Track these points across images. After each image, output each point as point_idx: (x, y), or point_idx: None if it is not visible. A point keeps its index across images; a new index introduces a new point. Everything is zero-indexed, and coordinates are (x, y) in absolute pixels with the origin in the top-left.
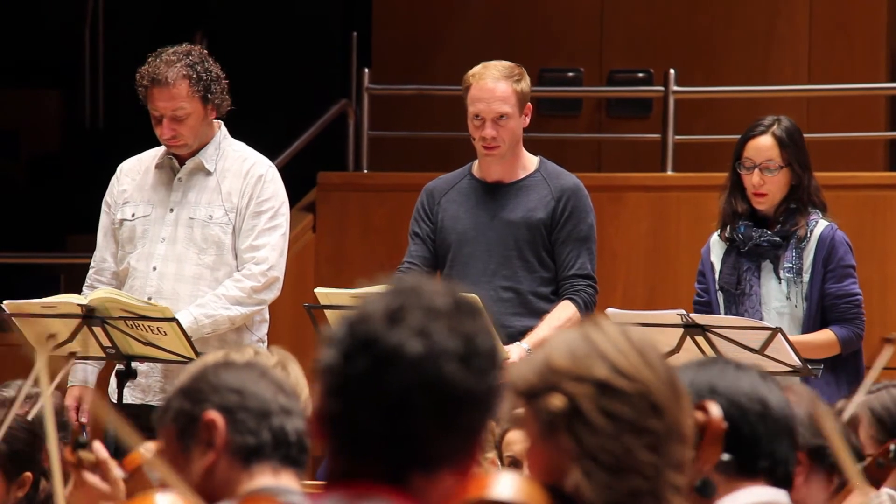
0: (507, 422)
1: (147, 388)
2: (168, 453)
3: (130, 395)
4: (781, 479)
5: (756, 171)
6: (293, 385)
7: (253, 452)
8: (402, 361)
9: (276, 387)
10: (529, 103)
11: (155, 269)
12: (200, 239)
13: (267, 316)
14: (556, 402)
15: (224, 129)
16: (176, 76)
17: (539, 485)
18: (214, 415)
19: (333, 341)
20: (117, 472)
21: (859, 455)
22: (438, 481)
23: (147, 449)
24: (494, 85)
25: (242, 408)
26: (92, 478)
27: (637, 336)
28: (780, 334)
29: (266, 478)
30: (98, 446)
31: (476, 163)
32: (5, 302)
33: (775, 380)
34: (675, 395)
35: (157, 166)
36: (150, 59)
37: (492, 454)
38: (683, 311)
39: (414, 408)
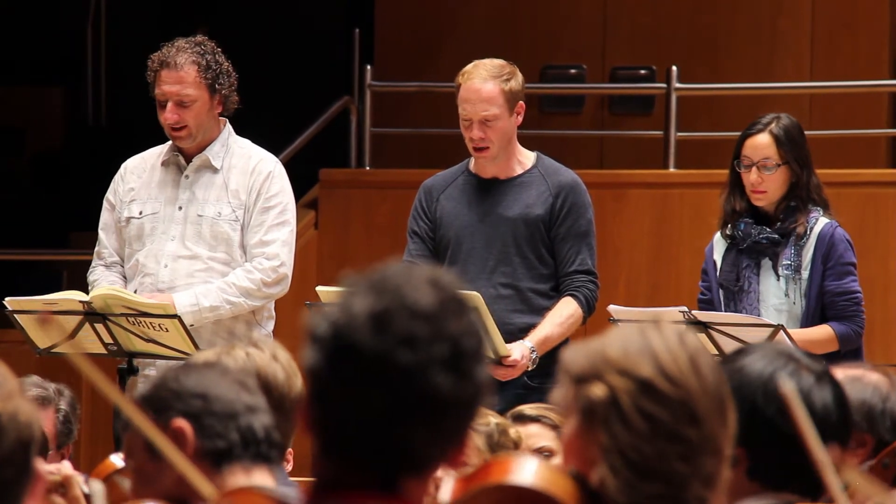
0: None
1: None
2: (136, 463)
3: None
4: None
5: (754, 169)
6: (272, 378)
7: (223, 455)
8: (390, 373)
9: (239, 385)
10: (522, 102)
11: (166, 266)
12: (210, 236)
13: (274, 313)
14: (597, 391)
15: (230, 127)
16: (185, 61)
17: (564, 473)
18: (182, 423)
19: (316, 340)
20: (82, 488)
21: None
22: (428, 479)
23: (118, 458)
24: (481, 86)
25: (208, 412)
26: (54, 499)
27: (693, 343)
28: (782, 331)
29: (238, 478)
30: (64, 464)
31: (473, 159)
32: (7, 299)
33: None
34: (718, 408)
35: (164, 163)
36: (163, 47)
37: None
38: (686, 308)
39: (404, 418)
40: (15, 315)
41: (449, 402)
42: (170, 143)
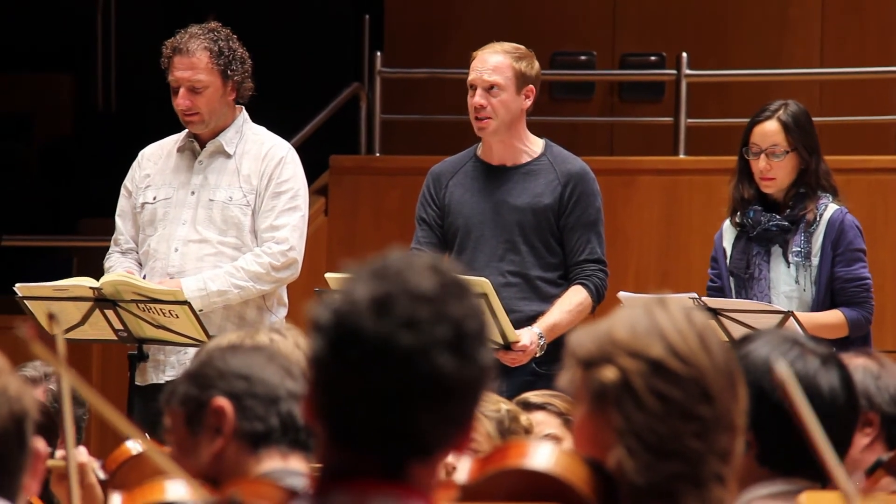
0: (543, 396)
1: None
2: (176, 437)
3: (165, 374)
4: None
5: (763, 156)
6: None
7: (261, 438)
8: (393, 356)
9: (284, 371)
10: (533, 87)
11: (176, 250)
12: (220, 220)
13: (286, 300)
14: (609, 374)
15: (245, 114)
16: (197, 47)
17: (580, 458)
18: (223, 402)
19: (319, 329)
20: (98, 474)
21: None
22: (436, 465)
23: (134, 444)
24: (490, 56)
25: (250, 394)
26: (62, 486)
27: (700, 320)
28: (792, 318)
29: (274, 462)
30: (81, 450)
31: (481, 144)
32: (18, 285)
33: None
34: (729, 384)
35: (179, 149)
36: (177, 33)
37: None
38: (696, 295)
39: (407, 401)
40: (25, 301)
41: (452, 383)
42: (187, 129)
